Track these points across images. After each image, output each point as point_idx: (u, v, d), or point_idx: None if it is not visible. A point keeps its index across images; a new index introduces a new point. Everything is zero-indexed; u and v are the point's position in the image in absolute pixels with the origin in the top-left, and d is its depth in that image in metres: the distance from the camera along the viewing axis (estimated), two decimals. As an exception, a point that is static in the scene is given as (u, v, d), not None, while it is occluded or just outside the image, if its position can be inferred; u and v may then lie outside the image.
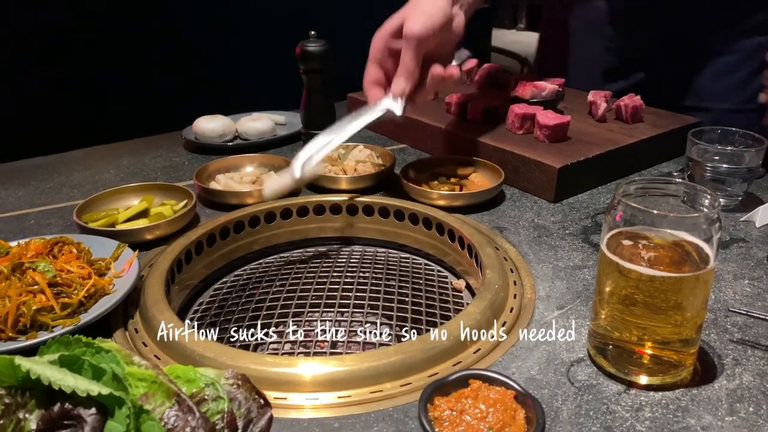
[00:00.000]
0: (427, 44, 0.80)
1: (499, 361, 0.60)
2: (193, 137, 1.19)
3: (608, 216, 0.54)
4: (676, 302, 0.52)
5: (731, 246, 0.80)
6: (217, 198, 0.92)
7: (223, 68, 1.80)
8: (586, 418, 0.52)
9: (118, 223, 0.84)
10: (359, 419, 0.53)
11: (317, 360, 0.57)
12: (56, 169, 1.10)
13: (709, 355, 0.60)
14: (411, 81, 0.81)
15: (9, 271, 0.65)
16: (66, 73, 1.58)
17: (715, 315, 0.66)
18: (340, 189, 0.94)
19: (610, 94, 1.12)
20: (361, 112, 0.84)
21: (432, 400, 0.50)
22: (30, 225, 0.89)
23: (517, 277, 0.73)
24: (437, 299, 0.77)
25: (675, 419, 0.52)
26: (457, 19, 0.85)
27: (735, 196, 0.89)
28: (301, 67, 1.07)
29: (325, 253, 0.89)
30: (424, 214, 0.86)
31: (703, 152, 0.88)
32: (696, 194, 0.55)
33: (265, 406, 0.45)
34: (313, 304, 0.76)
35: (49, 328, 0.61)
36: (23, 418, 0.40)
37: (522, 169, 0.95)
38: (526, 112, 1.03)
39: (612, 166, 0.98)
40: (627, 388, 0.56)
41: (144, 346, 0.62)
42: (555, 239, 0.82)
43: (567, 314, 0.66)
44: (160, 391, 0.42)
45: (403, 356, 0.57)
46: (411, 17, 0.80)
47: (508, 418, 0.48)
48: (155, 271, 0.71)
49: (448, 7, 0.81)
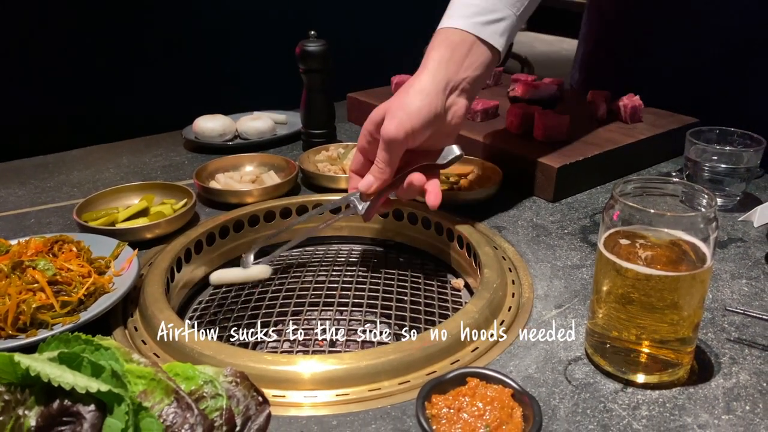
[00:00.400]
0: (406, 144, 0.71)
1: (497, 359, 0.60)
2: (193, 136, 1.19)
3: (606, 215, 0.55)
4: (673, 301, 0.52)
5: (729, 246, 0.80)
6: (216, 197, 0.92)
7: (223, 68, 1.80)
8: (583, 417, 0.52)
9: (117, 222, 0.84)
10: (357, 417, 0.53)
11: (316, 358, 0.57)
12: (56, 168, 1.11)
13: (706, 353, 0.60)
14: (380, 180, 0.72)
15: (9, 270, 0.65)
16: (66, 72, 1.59)
17: (713, 314, 0.66)
18: (339, 188, 0.95)
19: (608, 94, 1.12)
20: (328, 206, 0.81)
21: (430, 398, 0.50)
22: (30, 224, 0.89)
23: (516, 276, 0.73)
24: (436, 298, 0.77)
25: (672, 417, 0.52)
26: (455, 108, 0.74)
27: (733, 196, 0.89)
28: (300, 66, 1.07)
29: (324, 252, 0.90)
30: (422, 214, 0.86)
31: (701, 152, 0.89)
32: (693, 194, 0.55)
33: (263, 404, 0.45)
34: (312, 303, 0.77)
35: (49, 326, 0.61)
36: (23, 415, 0.40)
37: (521, 169, 0.95)
38: (525, 111, 1.03)
39: (611, 165, 0.99)
40: (624, 386, 0.56)
41: (143, 344, 0.62)
42: (553, 239, 0.82)
43: (565, 313, 0.67)
44: (159, 389, 0.42)
45: (402, 354, 0.57)
46: (390, 113, 0.71)
47: (505, 416, 0.48)
48: (155, 270, 0.71)
49: (438, 101, 0.71)
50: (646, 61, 1.18)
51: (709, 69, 1.10)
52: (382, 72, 1.32)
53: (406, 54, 1.45)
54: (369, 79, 1.34)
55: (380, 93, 1.31)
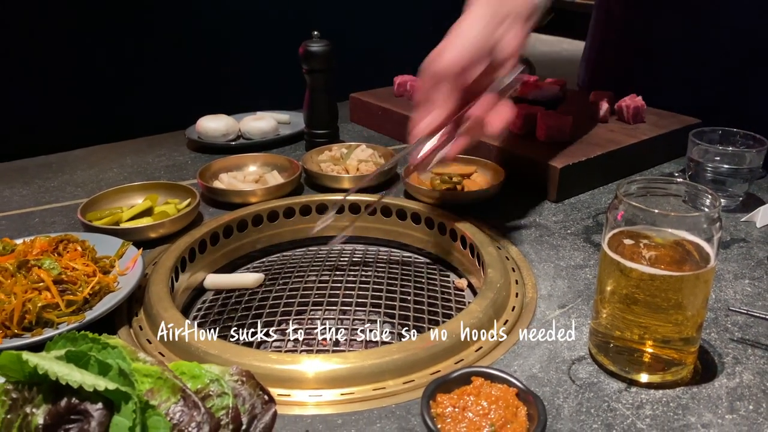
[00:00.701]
0: (463, 77, 0.68)
1: (501, 359, 0.60)
2: (197, 136, 1.19)
3: (610, 215, 0.55)
4: (677, 301, 0.53)
5: (732, 246, 0.80)
6: (220, 197, 0.92)
7: (226, 68, 1.80)
8: (587, 416, 0.52)
9: (122, 221, 0.84)
10: (362, 416, 0.53)
11: (320, 357, 0.57)
12: (60, 168, 1.11)
13: (709, 353, 0.60)
14: (440, 118, 0.70)
15: (15, 269, 0.65)
16: (69, 73, 1.59)
17: (716, 314, 0.66)
18: (342, 188, 0.95)
19: (611, 94, 1.12)
20: None
21: (434, 397, 0.50)
22: (34, 223, 0.89)
23: (519, 276, 0.73)
24: (439, 298, 0.78)
25: (675, 417, 0.52)
26: (507, 38, 0.69)
27: (736, 197, 0.89)
28: (304, 67, 1.07)
29: (327, 252, 0.90)
30: (426, 214, 0.86)
31: (704, 153, 0.89)
32: (697, 194, 0.55)
33: (269, 402, 0.45)
34: (316, 303, 0.77)
35: (55, 325, 0.61)
36: (30, 413, 0.40)
37: (524, 169, 0.95)
38: (528, 112, 1.03)
39: (613, 166, 0.99)
40: (628, 386, 0.56)
41: (148, 343, 0.63)
42: (556, 239, 0.82)
43: (568, 313, 0.67)
44: (166, 387, 0.42)
45: (406, 354, 0.58)
46: (441, 50, 0.69)
47: (510, 415, 0.48)
48: (159, 269, 0.72)
49: (486, 32, 0.68)
50: (651, 61, 1.19)
51: (713, 70, 1.10)
52: (385, 72, 1.33)
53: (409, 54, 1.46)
54: (371, 79, 1.34)
55: (383, 93, 1.31)
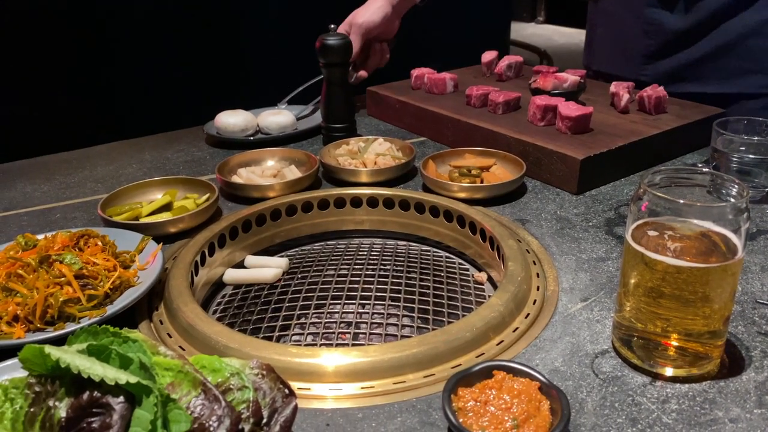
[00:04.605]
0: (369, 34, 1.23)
1: (523, 352, 0.59)
2: (215, 132, 1.19)
3: (633, 206, 0.54)
4: (704, 294, 0.51)
5: (758, 237, 0.79)
6: (239, 191, 0.92)
7: (244, 63, 1.81)
8: (611, 410, 0.52)
9: (141, 216, 0.84)
10: (383, 410, 0.53)
11: (340, 351, 0.57)
12: (80, 164, 1.12)
13: (736, 347, 0.59)
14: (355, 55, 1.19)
15: (37, 264, 0.66)
16: (90, 70, 1.60)
17: (743, 307, 0.65)
18: (360, 182, 0.94)
19: (632, 85, 1.11)
20: None
21: (456, 391, 0.50)
22: (56, 219, 0.90)
23: (540, 270, 0.73)
24: (459, 291, 0.77)
25: (702, 411, 0.51)
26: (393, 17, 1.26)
27: (761, 187, 0.87)
28: (320, 60, 1.07)
29: (345, 245, 0.89)
30: (444, 207, 0.86)
31: (728, 143, 0.87)
32: (723, 184, 0.54)
33: (290, 396, 0.45)
34: (335, 297, 0.77)
35: (76, 319, 0.62)
36: (53, 406, 0.40)
37: (544, 161, 0.94)
38: (548, 103, 1.02)
39: (635, 157, 0.97)
40: (653, 380, 0.55)
41: (169, 337, 0.63)
42: (578, 231, 0.81)
43: (591, 306, 0.66)
44: (186, 381, 0.42)
45: (426, 347, 0.57)
46: (358, 13, 1.24)
47: (532, 409, 0.47)
48: (179, 264, 0.72)
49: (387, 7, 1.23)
50: None
51: None
52: (401, 65, 1.32)
53: (425, 46, 1.45)
54: (388, 72, 1.34)
55: (399, 86, 1.30)
